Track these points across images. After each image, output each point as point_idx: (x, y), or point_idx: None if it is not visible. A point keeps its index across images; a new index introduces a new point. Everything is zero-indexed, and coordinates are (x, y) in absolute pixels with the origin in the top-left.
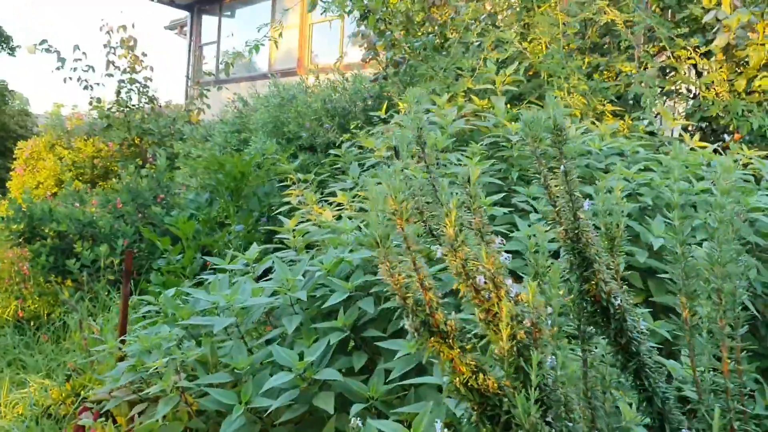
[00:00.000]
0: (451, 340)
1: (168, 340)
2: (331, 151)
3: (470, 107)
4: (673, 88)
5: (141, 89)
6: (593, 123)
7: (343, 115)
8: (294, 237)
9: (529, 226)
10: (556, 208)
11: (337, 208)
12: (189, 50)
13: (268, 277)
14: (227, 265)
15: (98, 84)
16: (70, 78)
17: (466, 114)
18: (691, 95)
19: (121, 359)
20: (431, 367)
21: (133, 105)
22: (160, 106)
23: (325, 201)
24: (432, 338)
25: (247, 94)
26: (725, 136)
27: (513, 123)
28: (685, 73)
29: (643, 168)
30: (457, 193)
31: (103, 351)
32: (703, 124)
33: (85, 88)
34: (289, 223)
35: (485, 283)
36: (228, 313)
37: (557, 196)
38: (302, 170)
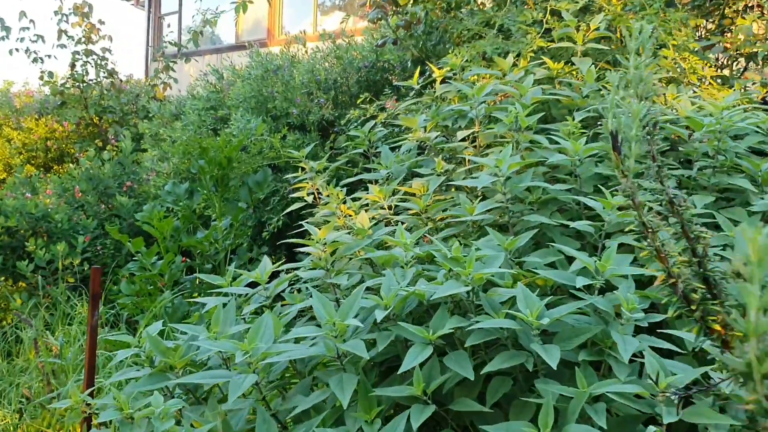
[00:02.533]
0: None
1: (163, 417)
2: (351, 133)
3: (540, 72)
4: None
5: (99, 62)
6: (696, 91)
7: (336, 88)
8: (325, 252)
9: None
10: None
11: (359, 204)
12: (148, 21)
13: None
14: (228, 288)
15: (49, 56)
16: (17, 50)
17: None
18: None
19: (89, 419)
20: None
21: (91, 80)
22: (121, 81)
23: (346, 196)
24: None
25: (220, 66)
26: None
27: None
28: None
29: None
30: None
31: (66, 406)
32: None
33: (35, 60)
34: (318, 232)
35: None
36: (245, 366)
37: None
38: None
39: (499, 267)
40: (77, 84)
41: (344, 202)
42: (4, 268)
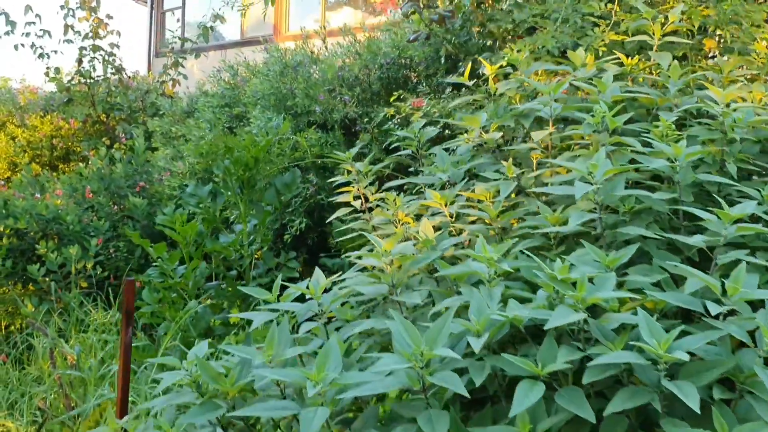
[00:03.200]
0: None
1: None
2: (400, 133)
3: (613, 68)
4: None
5: (106, 58)
6: None
7: (359, 85)
8: (391, 265)
9: None
10: None
11: (411, 210)
12: (150, 17)
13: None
14: (278, 303)
15: (56, 52)
16: (23, 45)
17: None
18: None
19: None
20: None
21: (98, 76)
22: (129, 77)
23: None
24: None
25: (223, 64)
26: None
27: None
28: None
29: None
30: None
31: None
32: None
33: (40, 56)
34: (380, 242)
35: None
36: (315, 398)
37: None
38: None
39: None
40: (84, 80)
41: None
42: (13, 272)
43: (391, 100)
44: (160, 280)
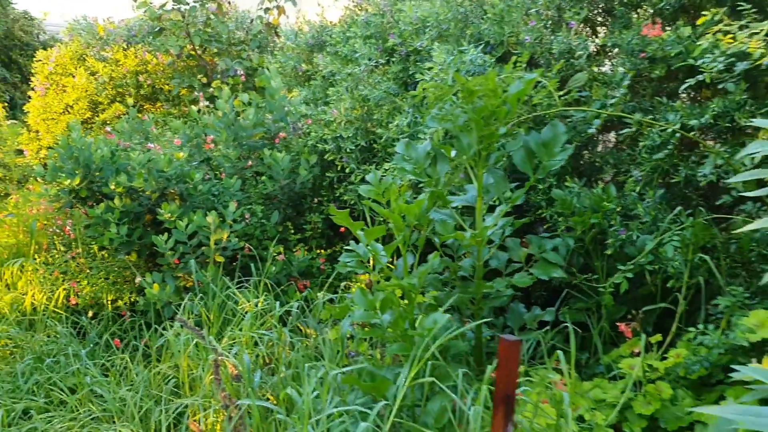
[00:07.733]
0: None
1: None
2: None
3: None
4: None
5: None
6: None
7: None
8: None
9: None
10: None
11: None
12: None
13: None
14: None
15: None
16: None
17: None
18: None
19: None
20: None
21: (195, 1)
22: (229, 2)
23: None
24: None
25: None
26: None
27: None
28: None
29: None
30: None
31: None
32: None
33: None
34: None
35: None
36: None
37: None
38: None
39: None
40: (178, 6)
41: None
42: (128, 241)
43: (699, 22)
44: (360, 272)
